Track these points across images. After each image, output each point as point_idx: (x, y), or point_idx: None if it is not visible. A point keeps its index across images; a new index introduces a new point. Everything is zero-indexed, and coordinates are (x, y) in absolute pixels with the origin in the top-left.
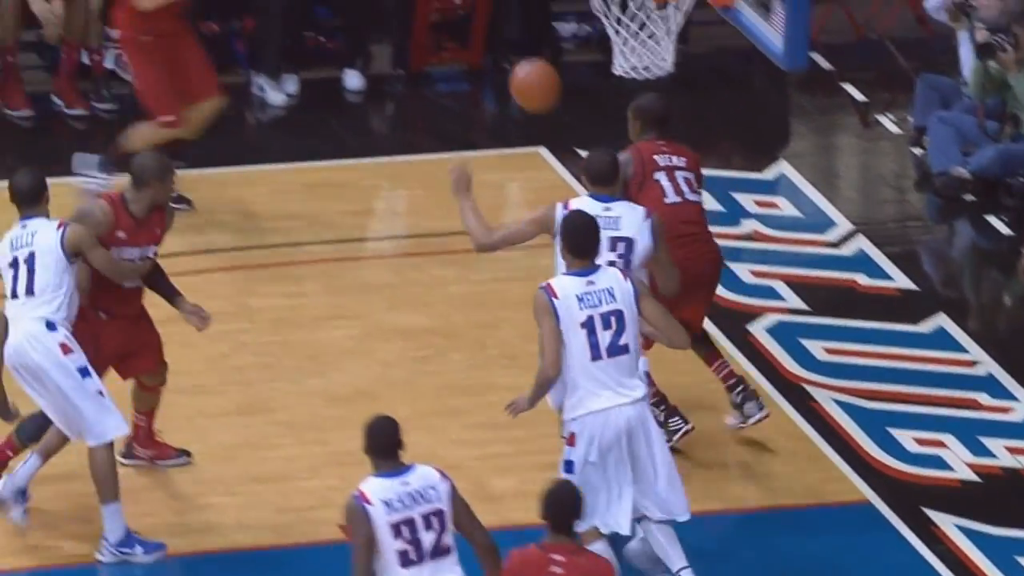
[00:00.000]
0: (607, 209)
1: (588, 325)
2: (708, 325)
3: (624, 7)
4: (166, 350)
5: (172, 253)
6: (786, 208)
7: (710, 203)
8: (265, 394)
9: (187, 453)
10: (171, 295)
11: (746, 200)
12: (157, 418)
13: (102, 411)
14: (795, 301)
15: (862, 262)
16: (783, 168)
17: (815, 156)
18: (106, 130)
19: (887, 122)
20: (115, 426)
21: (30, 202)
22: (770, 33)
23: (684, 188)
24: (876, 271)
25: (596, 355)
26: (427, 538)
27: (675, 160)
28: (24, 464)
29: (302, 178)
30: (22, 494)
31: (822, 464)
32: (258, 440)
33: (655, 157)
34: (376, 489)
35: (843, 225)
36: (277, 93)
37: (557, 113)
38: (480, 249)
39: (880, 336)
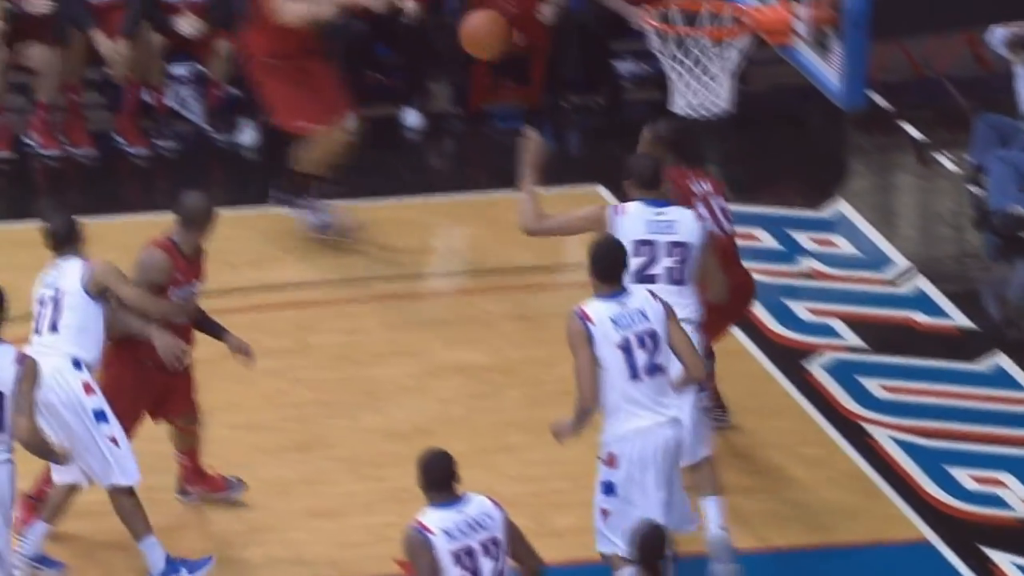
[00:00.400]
0: (660, 213)
1: (625, 346)
2: (766, 362)
3: (682, 46)
4: (224, 386)
5: (232, 289)
6: (844, 246)
7: (767, 241)
8: (322, 430)
9: (241, 481)
10: (218, 331)
11: (803, 238)
12: (214, 455)
13: (113, 457)
14: (853, 339)
15: (920, 300)
16: (841, 206)
17: (873, 194)
18: (167, 168)
19: (945, 160)
20: (127, 472)
21: (62, 243)
22: (828, 71)
23: (721, 219)
24: (934, 309)
25: (634, 375)
26: (486, 566)
27: (705, 187)
28: (31, 531)
29: (361, 215)
30: (42, 560)
31: (879, 501)
32: (315, 476)
33: (689, 184)
34: (435, 519)
35: (900, 263)
36: None
37: (617, 151)
38: (526, 231)
39: (938, 374)
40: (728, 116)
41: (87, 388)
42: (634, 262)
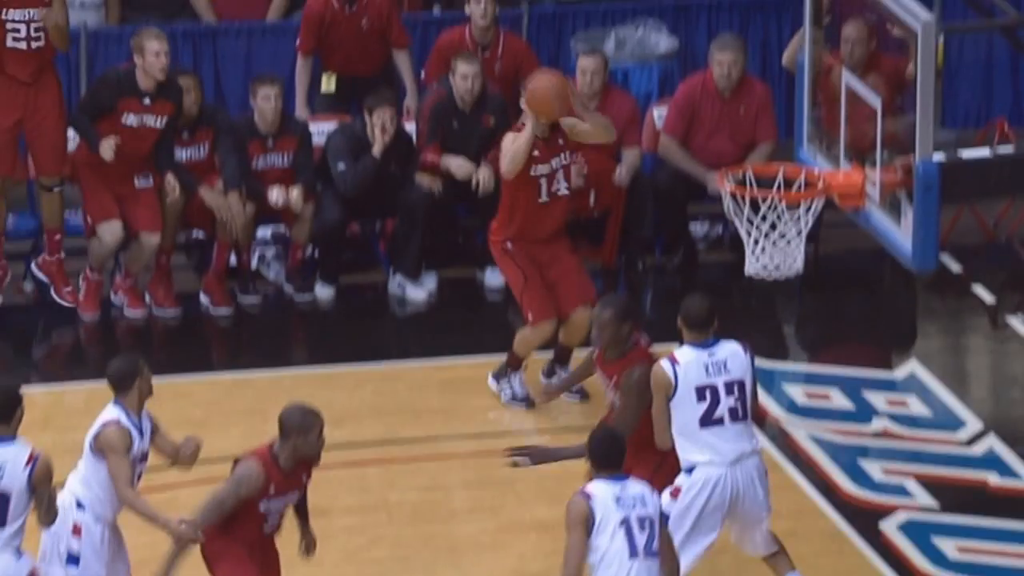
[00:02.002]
0: (711, 355)
1: (626, 525)
2: (840, 522)
3: (756, 208)
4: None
5: None
6: (916, 407)
7: (841, 401)
8: None
9: None
10: (303, 517)
11: (876, 398)
12: None
13: None
14: (926, 499)
15: (993, 461)
16: (913, 367)
17: (945, 356)
18: (249, 327)
19: (1017, 324)
20: None
21: (113, 388)
22: (900, 235)
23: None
24: (1007, 470)
25: (634, 553)
26: None
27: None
28: None
29: (440, 374)
30: None
31: None
32: None
33: (643, 343)
34: None
35: (973, 424)
36: (417, 291)
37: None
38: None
39: (1013, 536)
40: (801, 278)
41: (76, 529)
42: (698, 408)
